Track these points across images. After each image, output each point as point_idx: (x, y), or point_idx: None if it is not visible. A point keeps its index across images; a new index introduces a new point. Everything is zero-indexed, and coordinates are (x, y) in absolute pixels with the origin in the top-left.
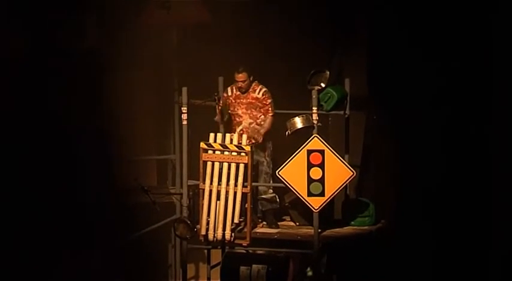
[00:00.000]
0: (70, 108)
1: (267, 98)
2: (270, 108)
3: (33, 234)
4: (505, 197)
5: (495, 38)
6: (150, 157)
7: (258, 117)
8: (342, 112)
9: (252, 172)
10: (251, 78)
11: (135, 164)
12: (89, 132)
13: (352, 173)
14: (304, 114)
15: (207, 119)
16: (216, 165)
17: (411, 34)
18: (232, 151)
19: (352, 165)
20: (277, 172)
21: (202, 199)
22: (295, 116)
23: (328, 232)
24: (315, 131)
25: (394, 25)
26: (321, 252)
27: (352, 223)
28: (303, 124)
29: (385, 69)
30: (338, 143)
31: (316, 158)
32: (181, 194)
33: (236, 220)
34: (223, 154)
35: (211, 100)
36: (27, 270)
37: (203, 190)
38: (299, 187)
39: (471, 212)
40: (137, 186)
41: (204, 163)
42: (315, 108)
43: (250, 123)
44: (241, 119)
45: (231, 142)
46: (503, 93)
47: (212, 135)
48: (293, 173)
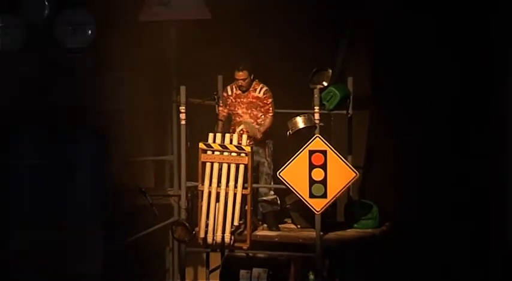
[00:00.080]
0: (64, 107)
1: (268, 97)
2: (270, 108)
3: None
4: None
5: (497, 36)
6: (148, 157)
7: (258, 117)
8: (345, 112)
9: (253, 173)
10: (252, 77)
11: (132, 165)
12: (83, 132)
13: (355, 175)
14: (305, 114)
15: (206, 119)
16: (216, 166)
17: (415, 32)
18: (232, 151)
19: (355, 166)
20: (278, 173)
21: (201, 200)
22: (297, 115)
23: (330, 235)
24: (317, 131)
25: (398, 22)
26: (323, 255)
27: (355, 225)
28: (305, 124)
29: (389, 67)
30: (341, 143)
31: (318, 159)
32: (180, 196)
33: (236, 223)
34: (223, 154)
35: (211, 99)
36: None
37: (202, 191)
38: (300, 188)
39: (478, 216)
40: (134, 188)
41: (203, 163)
42: (317, 108)
43: (250, 123)
44: (241, 119)
45: (231, 142)
46: (506, 92)
47: (211, 135)
48: (294, 174)
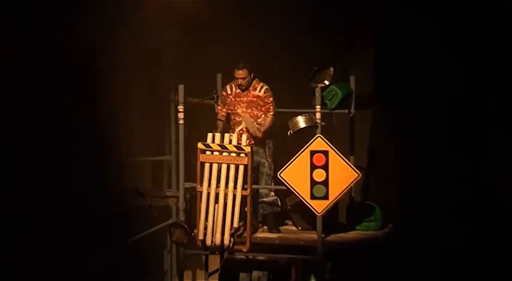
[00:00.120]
0: (59, 107)
1: (269, 96)
2: (271, 107)
3: (22, 239)
4: None
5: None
6: (145, 158)
7: (258, 117)
8: (347, 111)
9: (252, 174)
10: (252, 76)
11: (129, 166)
12: (79, 132)
13: (357, 175)
14: (307, 113)
15: (205, 119)
16: (215, 166)
17: (419, 28)
18: (232, 151)
19: (357, 166)
20: (278, 173)
21: (200, 202)
22: (298, 115)
23: (332, 237)
24: (318, 130)
25: (401, 18)
26: (324, 258)
27: (357, 227)
28: (306, 124)
29: (392, 65)
30: (343, 143)
31: (319, 159)
32: (178, 197)
33: (235, 224)
34: (222, 154)
35: (210, 98)
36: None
37: (201, 192)
38: (301, 189)
39: (484, 217)
40: (131, 189)
41: (202, 164)
42: (318, 107)
43: (251, 121)
44: (241, 119)
45: (230, 142)
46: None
47: (210, 135)
48: (295, 175)
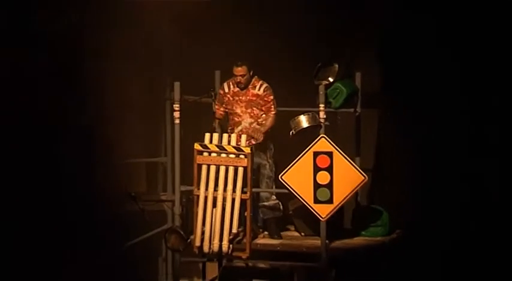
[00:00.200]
0: (48, 105)
1: (269, 94)
2: (272, 106)
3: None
4: None
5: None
6: (139, 159)
7: (259, 117)
8: (352, 110)
9: (252, 176)
10: (251, 73)
11: (122, 168)
12: (69, 132)
13: (363, 178)
14: (310, 112)
15: (202, 118)
16: (212, 168)
17: (427, 22)
18: (230, 152)
19: (363, 168)
20: (280, 176)
21: (197, 206)
22: (300, 114)
23: (336, 244)
24: (322, 130)
25: (408, 12)
26: (328, 266)
27: (363, 233)
28: (309, 123)
29: (400, 61)
30: (348, 144)
31: (323, 161)
32: (173, 201)
33: (234, 230)
34: (220, 156)
35: (207, 96)
36: None
37: (198, 196)
38: (304, 192)
39: (496, 223)
40: (124, 192)
41: (199, 166)
42: (322, 106)
43: (251, 123)
44: (240, 119)
45: (229, 143)
46: None
47: (208, 135)
48: (298, 177)
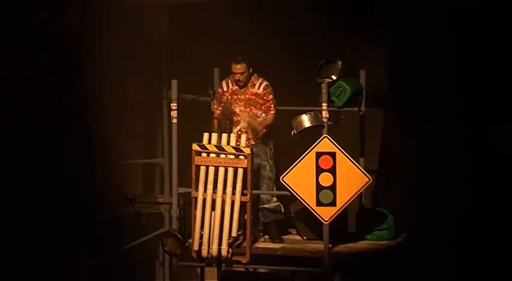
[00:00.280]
0: (43, 105)
1: (269, 93)
2: (271, 105)
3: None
4: None
5: None
6: (135, 160)
7: (258, 116)
8: (356, 109)
9: (253, 178)
10: (250, 71)
11: (118, 169)
12: (64, 132)
13: (368, 180)
14: (312, 112)
15: (201, 117)
16: (211, 170)
17: (434, 18)
18: (230, 153)
19: (367, 170)
20: (281, 177)
21: (195, 209)
22: (302, 113)
23: (340, 248)
24: (325, 130)
25: (414, 7)
26: (331, 271)
27: (368, 236)
28: (311, 123)
29: (405, 59)
30: (352, 144)
31: (326, 162)
32: (171, 204)
33: (234, 234)
34: (219, 157)
35: (205, 95)
36: None
37: (196, 198)
38: (306, 195)
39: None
40: (120, 194)
41: (197, 167)
42: (324, 105)
43: (251, 121)
44: (240, 118)
45: (228, 144)
46: None
47: (206, 135)
48: (300, 179)
